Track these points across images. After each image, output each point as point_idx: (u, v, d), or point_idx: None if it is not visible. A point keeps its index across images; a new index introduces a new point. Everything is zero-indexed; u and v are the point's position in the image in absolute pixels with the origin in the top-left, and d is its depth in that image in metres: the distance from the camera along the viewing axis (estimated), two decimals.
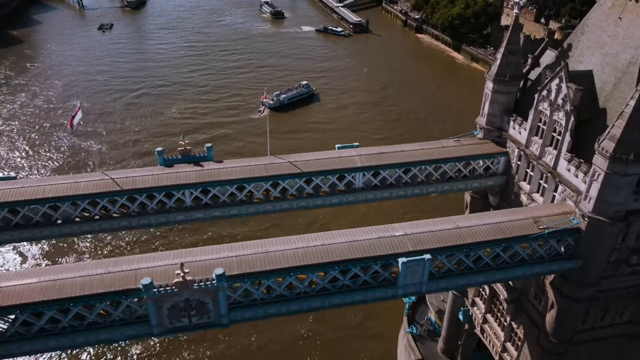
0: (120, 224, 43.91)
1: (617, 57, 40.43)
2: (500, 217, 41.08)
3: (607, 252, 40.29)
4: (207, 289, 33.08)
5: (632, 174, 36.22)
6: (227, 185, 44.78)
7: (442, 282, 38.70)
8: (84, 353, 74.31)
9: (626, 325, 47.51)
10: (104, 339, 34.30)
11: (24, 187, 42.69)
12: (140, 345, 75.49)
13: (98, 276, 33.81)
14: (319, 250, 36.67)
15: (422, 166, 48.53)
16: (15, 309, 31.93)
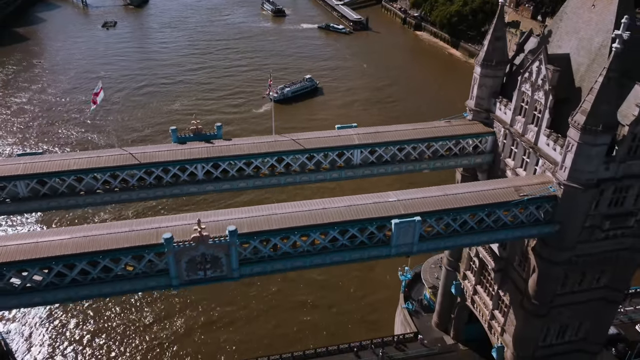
0: (139, 194, 47.98)
1: (590, 41, 44.49)
2: (484, 186, 45.22)
3: (582, 218, 44.32)
4: (221, 244, 37.18)
5: (601, 143, 40.26)
6: (235, 160, 48.85)
7: (432, 243, 42.79)
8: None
9: (602, 290, 51.51)
10: (128, 289, 38.45)
11: (51, 161, 46.82)
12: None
13: (123, 233, 37.93)
14: (320, 213, 40.77)
15: (416, 144, 52.51)
16: (51, 261, 36.01)
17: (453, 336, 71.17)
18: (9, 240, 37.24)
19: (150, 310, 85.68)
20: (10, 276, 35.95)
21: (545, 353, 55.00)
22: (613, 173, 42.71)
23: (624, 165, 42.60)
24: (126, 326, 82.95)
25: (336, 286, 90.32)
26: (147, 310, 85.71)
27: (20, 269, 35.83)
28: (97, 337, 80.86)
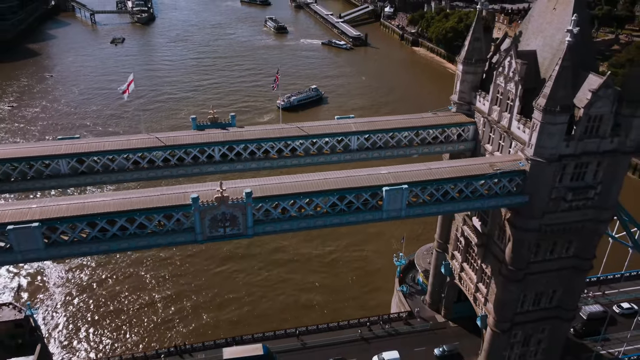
0: (163, 173, 54.98)
1: (553, 39, 51.97)
2: (463, 163, 52.46)
3: (548, 189, 51.28)
4: (239, 205, 44.15)
5: (560, 122, 47.45)
6: (248, 144, 55.99)
7: (417, 209, 49.73)
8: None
9: (572, 259, 58.20)
10: (160, 243, 45.29)
11: (88, 143, 54.11)
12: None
13: (156, 196, 44.96)
14: (322, 181, 47.85)
15: (406, 132, 59.79)
16: (97, 217, 42.96)
17: (444, 315, 77.47)
18: (60, 201, 44.33)
19: (164, 296, 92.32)
20: (62, 229, 42.89)
21: (523, 319, 61.46)
22: (572, 150, 49.85)
23: (581, 143, 49.78)
24: (140, 307, 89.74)
25: (336, 276, 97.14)
26: (160, 297, 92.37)
27: (71, 223, 42.78)
28: (115, 318, 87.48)
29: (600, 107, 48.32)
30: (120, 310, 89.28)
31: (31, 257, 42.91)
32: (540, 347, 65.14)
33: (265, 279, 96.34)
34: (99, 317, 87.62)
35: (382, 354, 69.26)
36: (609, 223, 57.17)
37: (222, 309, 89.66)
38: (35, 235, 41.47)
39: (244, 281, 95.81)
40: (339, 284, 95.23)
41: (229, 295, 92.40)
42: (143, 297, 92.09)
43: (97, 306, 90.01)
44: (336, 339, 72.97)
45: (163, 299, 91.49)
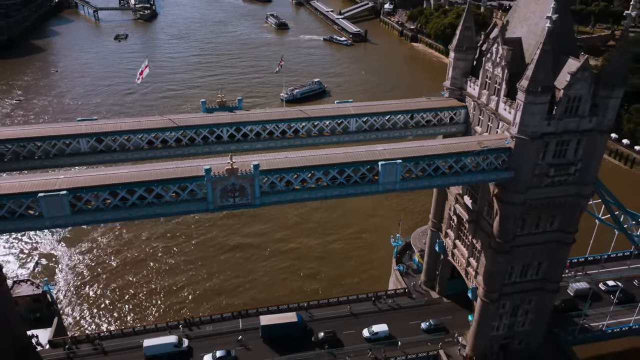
0: (176, 152, 59.24)
1: (536, 27, 56.11)
2: (454, 141, 56.77)
3: (531, 165, 55.50)
4: (247, 176, 48.45)
5: (541, 102, 51.71)
6: (254, 125, 60.23)
7: (411, 182, 54.02)
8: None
9: (556, 233, 62.44)
10: (175, 211, 49.69)
11: (106, 124, 58.41)
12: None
13: (172, 169, 49.29)
14: (323, 156, 52.22)
15: (401, 115, 64.04)
16: (118, 186, 47.25)
17: (438, 291, 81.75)
18: (85, 173, 48.68)
19: (175, 280, 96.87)
20: (87, 198, 47.16)
21: (510, 290, 65.71)
22: (554, 128, 54.10)
23: (562, 122, 54.03)
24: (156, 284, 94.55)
25: (336, 261, 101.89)
26: (177, 281, 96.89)
27: (95, 192, 47.07)
28: (127, 295, 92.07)
29: (578, 89, 52.56)
30: (133, 288, 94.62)
31: (59, 223, 47.26)
32: (528, 318, 69.31)
33: (271, 265, 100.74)
34: (112, 293, 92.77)
35: (372, 327, 73.39)
36: (589, 198, 61.36)
37: (230, 290, 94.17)
38: (63, 202, 45.78)
39: (251, 266, 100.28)
40: (339, 268, 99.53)
41: (236, 279, 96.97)
42: (154, 278, 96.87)
43: (110, 283, 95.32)
44: (333, 313, 77.21)
45: (173, 282, 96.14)
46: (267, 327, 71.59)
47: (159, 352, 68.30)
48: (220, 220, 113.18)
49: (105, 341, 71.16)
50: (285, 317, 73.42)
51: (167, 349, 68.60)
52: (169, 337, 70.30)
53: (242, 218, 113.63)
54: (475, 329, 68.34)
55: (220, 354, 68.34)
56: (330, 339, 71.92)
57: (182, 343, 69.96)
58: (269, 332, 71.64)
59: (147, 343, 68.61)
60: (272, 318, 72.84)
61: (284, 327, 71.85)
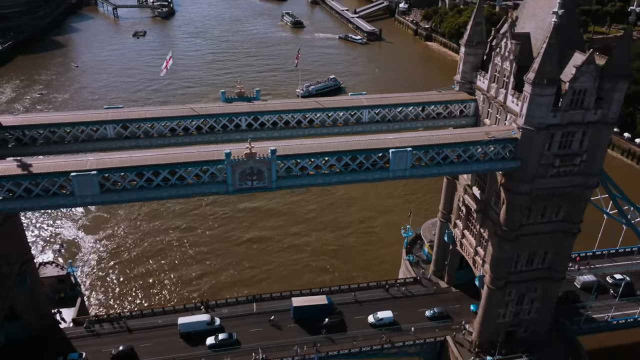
0: (196, 139, 62.20)
1: (544, 22, 58.14)
2: (462, 131, 59.01)
3: (537, 156, 57.57)
4: (264, 160, 51.26)
5: (547, 94, 53.81)
6: (271, 114, 63.03)
7: (420, 170, 56.42)
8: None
9: (561, 223, 64.40)
10: (197, 192, 52.81)
11: (131, 112, 61.77)
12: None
13: (195, 152, 52.33)
14: (337, 144, 54.93)
15: (413, 107, 66.41)
16: (144, 168, 50.35)
17: (447, 281, 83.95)
18: (113, 155, 51.89)
19: (192, 268, 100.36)
20: (115, 179, 50.35)
21: (517, 278, 67.76)
22: (559, 120, 56.14)
23: (567, 114, 56.06)
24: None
25: (350, 253, 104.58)
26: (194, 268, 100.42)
27: (122, 173, 50.25)
28: (147, 277, 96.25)
29: (584, 82, 54.58)
30: (151, 273, 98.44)
31: (88, 202, 50.59)
32: (534, 306, 71.24)
33: (285, 256, 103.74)
34: (130, 278, 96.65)
35: (377, 314, 75.82)
36: (594, 189, 63.26)
37: (245, 280, 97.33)
38: (93, 182, 49.02)
39: (266, 258, 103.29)
40: (351, 261, 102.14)
41: (252, 269, 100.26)
42: (171, 265, 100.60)
43: (129, 268, 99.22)
44: (345, 299, 79.92)
45: (190, 269, 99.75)
46: (298, 308, 75.03)
47: (193, 329, 71.93)
48: (238, 213, 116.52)
49: (131, 320, 74.63)
50: (315, 299, 76.97)
51: (200, 326, 72.29)
52: (202, 315, 73.97)
53: (258, 213, 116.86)
54: (481, 316, 70.51)
55: (222, 337, 71.03)
56: (336, 324, 74.37)
57: (214, 321, 73.48)
58: (300, 314, 74.91)
59: (181, 320, 72.50)
60: (303, 300, 76.47)
61: (315, 309, 75.28)
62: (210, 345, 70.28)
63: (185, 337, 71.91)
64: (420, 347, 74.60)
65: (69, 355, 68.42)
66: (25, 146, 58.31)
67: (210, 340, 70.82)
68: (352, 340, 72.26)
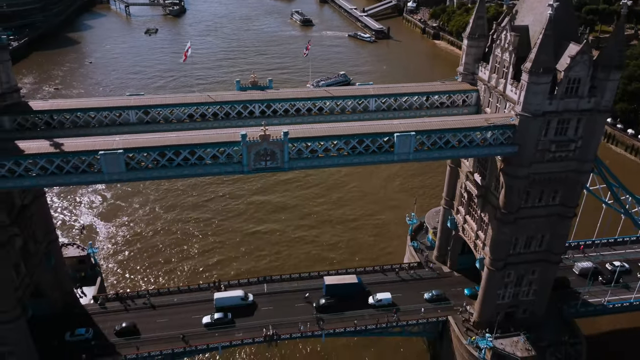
0: (213, 125, 65.95)
1: (542, 15, 61.31)
2: (463, 117, 62.51)
3: (534, 141, 60.93)
4: (277, 142, 55.05)
5: (543, 82, 57.19)
6: (283, 102, 66.82)
7: (423, 153, 60.00)
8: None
9: (558, 207, 67.67)
10: (215, 172, 56.80)
11: (153, 98, 65.83)
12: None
13: (213, 134, 56.21)
14: (345, 128, 58.59)
15: (417, 96, 69.95)
16: (167, 148, 54.33)
17: (449, 266, 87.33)
18: (137, 136, 55.91)
19: (206, 249, 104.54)
20: (139, 158, 54.37)
21: (515, 260, 71.06)
22: (555, 107, 59.51)
23: (563, 102, 59.41)
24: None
25: (356, 239, 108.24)
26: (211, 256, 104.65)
27: (146, 152, 54.25)
28: (164, 259, 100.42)
29: (578, 71, 57.91)
30: (167, 255, 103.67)
31: (115, 178, 54.63)
32: (532, 288, 74.48)
33: (295, 243, 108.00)
34: (147, 258, 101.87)
35: (377, 295, 79.27)
36: (589, 174, 66.56)
37: (256, 259, 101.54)
38: (119, 160, 53.07)
39: (277, 245, 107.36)
40: (359, 250, 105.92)
41: (262, 252, 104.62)
42: (185, 249, 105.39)
43: (146, 250, 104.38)
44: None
45: (203, 253, 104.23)
46: (330, 286, 79.08)
47: (227, 304, 76.26)
48: (249, 205, 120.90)
49: (143, 299, 78.70)
50: (346, 278, 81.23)
51: (235, 301, 76.65)
52: (236, 291, 78.26)
53: (269, 205, 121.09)
54: (482, 296, 73.89)
55: (218, 316, 74.34)
56: (331, 305, 77.59)
57: (248, 297, 77.71)
58: (331, 291, 78.86)
59: (217, 295, 76.87)
60: (335, 279, 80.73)
61: (345, 287, 79.47)
62: (207, 324, 73.63)
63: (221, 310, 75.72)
64: (423, 327, 78.12)
65: (76, 330, 71.79)
66: (54, 129, 62.40)
67: (206, 319, 74.13)
68: (357, 318, 75.52)
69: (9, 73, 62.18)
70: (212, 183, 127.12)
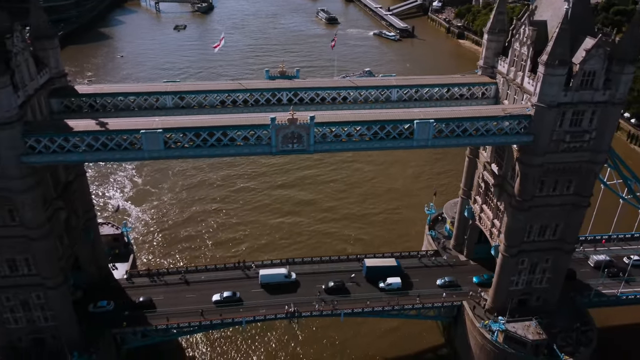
0: (243, 111, 70.17)
1: (559, 10, 63.90)
2: (481, 107, 65.39)
3: (549, 131, 63.54)
4: (304, 126, 58.88)
5: (558, 74, 59.84)
6: (309, 91, 70.66)
7: (441, 140, 63.10)
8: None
9: (572, 196, 70.06)
10: (245, 152, 61.03)
11: (187, 84, 70.29)
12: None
13: (244, 118, 60.32)
14: (367, 114, 62.13)
15: (438, 88, 73.05)
16: (202, 129, 58.65)
17: (466, 255, 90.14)
18: (175, 117, 60.38)
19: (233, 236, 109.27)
20: (176, 137, 58.81)
21: (529, 247, 73.62)
22: (570, 99, 62.08)
23: (578, 93, 61.94)
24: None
25: (377, 231, 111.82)
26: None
27: (183, 132, 58.66)
28: (192, 239, 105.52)
29: (593, 64, 60.39)
30: (193, 236, 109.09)
31: (154, 156, 59.27)
32: (545, 276, 76.91)
33: (317, 230, 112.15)
34: (175, 239, 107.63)
35: (387, 279, 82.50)
36: (602, 165, 68.71)
37: (279, 249, 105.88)
38: (159, 139, 57.51)
39: (298, 231, 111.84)
40: (378, 238, 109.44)
41: (283, 240, 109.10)
42: (210, 232, 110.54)
43: (174, 231, 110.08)
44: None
45: (228, 237, 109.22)
46: (371, 268, 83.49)
47: (272, 280, 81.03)
48: (273, 193, 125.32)
49: (171, 275, 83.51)
50: (386, 261, 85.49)
51: (278, 278, 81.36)
52: (280, 269, 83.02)
53: (292, 194, 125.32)
54: (496, 282, 76.63)
55: (227, 294, 78.36)
56: (339, 287, 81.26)
57: (291, 275, 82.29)
58: (372, 273, 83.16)
59: (262, 272, 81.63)
60: (375, 261, 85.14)
61: (385, 270, 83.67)
62: (216, 302, 77.73)
63: (265, 287, 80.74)
64: (439, 311, 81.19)
65: (99, 303, 76.50)
66: (97, 112, 67.34)
67: (216, 297, 78.21)
68: (373, 299, 78.92)
69: (58, 59, 67.37)
70: (238, 177, 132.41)
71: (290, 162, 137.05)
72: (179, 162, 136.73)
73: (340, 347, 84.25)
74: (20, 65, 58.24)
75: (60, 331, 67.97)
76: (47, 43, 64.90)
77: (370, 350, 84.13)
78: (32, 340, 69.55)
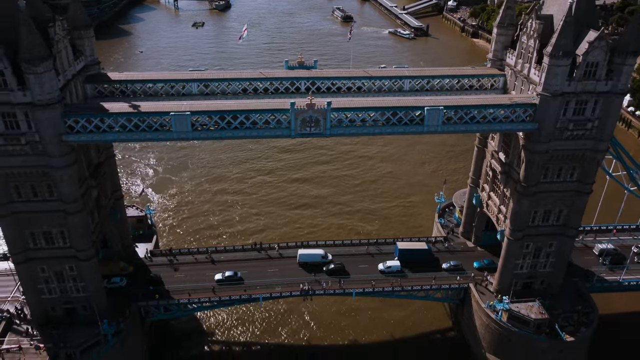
0: (264, 98, 74.54)
1: (565, 5, 67.23)
2: (489, 96, 69.02)
3: (554, 119, 66.99)
4: (321, 111, 63.07)
5: (562, 65, 63.28)
6: (325, 80, 74.78)
7: (451, 126, 66.86)
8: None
9: (575, 183, 73.42)
10: (266, 135, 65.24)
11: (212, 73, 74.80)
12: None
13: (266, 102, 64.73)
14: (380, 101, 66.13)
15: (449, 79, 76.78)
16: (226, 112, 63.17)
17: (473, 241, 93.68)
18: (200, 102, 64.97)
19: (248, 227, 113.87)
20: (203, 120, 63.39)
21: (534, 232, 77.08)
22: (573, 88, 65.49)
23: (581, 83, 65.32)
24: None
25: (391, 222, 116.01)
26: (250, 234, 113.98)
27: (208, 116, 63.22)
28: (212, 223, 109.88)
29: (596, 55, 63.73)
30: (212, 221, 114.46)
31: (182, 137, 63.78)
32: (549, 261, 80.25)
33: (333, 221, 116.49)
34: (195, 223, 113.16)
35: (387, 262, 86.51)
36: (604, 153, 71.86)
37: (296, 238, 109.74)
38: (187, 121, 62.07)
39: (315, 221, 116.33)
40: (393, 229, 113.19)
41: (300, 227, 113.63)
42: (230, 219, 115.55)
43: (194, 216, 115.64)
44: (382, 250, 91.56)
45: (246, 224, 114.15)
46: (403, 250, 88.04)
47: (309, 260, 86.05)
48: (290, 184, 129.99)
49: (188, 255, 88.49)
50: (417, 244, 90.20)
51: (316, 258, 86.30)
52: (318, 250, 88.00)
53: (307, 186, 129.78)
54: (501, 265, 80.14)
55: (228, 274, 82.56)
56: (339, 269, 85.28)
57: (327, 256, 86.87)
58: (404, 256, 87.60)
59: (301, 252, 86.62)
60: (407, 244, 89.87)
61: (416, 253, 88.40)
62: (218, 281, 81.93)
63: (303, 265, 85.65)
64: (446, 293, 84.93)
65: (113, 279, 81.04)
66: (127, 97, 72.13)
67: (218, 276, 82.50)
68: (381, 281, 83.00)
69: (93, 48, 72.48)
70: (256, 171, 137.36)
71: (306, 157, 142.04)
72: (198, 153, 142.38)
73: (355, 336, 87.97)
74: (61, 52, 63.13)
75: (91, 301, 72.86)
76: (83, 32, 69.92)
77: (382, 337, 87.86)
78: (64, 310, 74.56)
